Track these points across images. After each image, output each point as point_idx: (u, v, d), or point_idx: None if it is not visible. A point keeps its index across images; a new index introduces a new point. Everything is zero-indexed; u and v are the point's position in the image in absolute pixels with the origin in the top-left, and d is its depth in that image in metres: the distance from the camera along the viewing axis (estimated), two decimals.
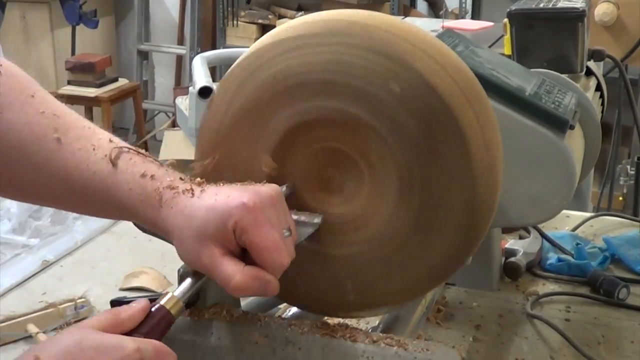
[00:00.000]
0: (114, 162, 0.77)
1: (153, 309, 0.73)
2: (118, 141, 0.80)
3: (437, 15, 4.55)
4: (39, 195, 0.83)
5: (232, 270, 0.72)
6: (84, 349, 0.67)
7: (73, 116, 0.82)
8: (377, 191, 0.81)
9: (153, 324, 0.72)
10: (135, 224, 0.82)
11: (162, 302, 0.73)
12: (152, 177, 0.76)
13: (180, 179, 0.77)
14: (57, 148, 0.78)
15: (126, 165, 0.77)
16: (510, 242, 1.53)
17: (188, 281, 0.76)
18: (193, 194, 0.74)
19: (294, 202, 0.83)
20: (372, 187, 0.81)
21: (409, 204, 0.80)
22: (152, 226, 0.77)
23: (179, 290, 0.75)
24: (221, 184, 0.77)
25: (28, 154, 0.78)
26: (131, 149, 0.79)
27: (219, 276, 0.73)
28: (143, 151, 0.80)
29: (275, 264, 0.73)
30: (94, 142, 0.79)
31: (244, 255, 0.74)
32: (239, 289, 0.73)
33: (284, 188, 0.81)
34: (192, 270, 0.76)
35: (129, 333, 0.71)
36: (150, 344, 0.70)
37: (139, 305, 0.73)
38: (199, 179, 0.78)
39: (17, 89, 0.80)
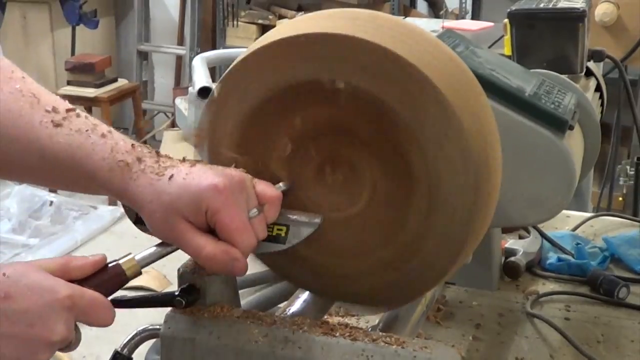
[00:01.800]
0: (85, 135, 0.79)
1: (109, 265, 0.76)
2: (92, 119, 0.82)
3: (437, 16, 4.56)
4: (15, 169, 0.84)
5: (204, 242, 0.75)
6: (20, 285, 0.70)
7: (50, 96, 0.83)
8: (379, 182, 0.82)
9: (104, 279, 0.75)
10: (126, 210, 0.83)
11: (121, 261, 0.77)
12: (123, 150, 0.78)
13: (149, 153, 0.79)
14: (32, 122, 0.79)
15: (98, 139, 0.79)
16: (510, 242, 1.54)
17: (153, 249, 0.79)
18: (162, 172, 0.76)
19: (293, 200, 0.83)
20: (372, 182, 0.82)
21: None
22: (120, 197, 0.79)
23: (141, 254, 0.78)
24: (190, 163, 0.78)
25: (3, 128, 0.79)
26: (103, 124, 0.81)
27: (190, 246, 0.76)
28: (112, 129, 0.82)
29: (244, 244, 0.76)
30: (68, 117, 0.81)
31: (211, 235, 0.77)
32: (210, 259, 0.75)
33: (282, 185, 0.83)
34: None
35: (77, 283, 0.73)
36: (87, 294, 0.72)
37: (93, 258, 0.76)
38: (167, 154, 0.80)
39: None
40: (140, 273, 0.78)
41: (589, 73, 1.34)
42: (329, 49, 0.78)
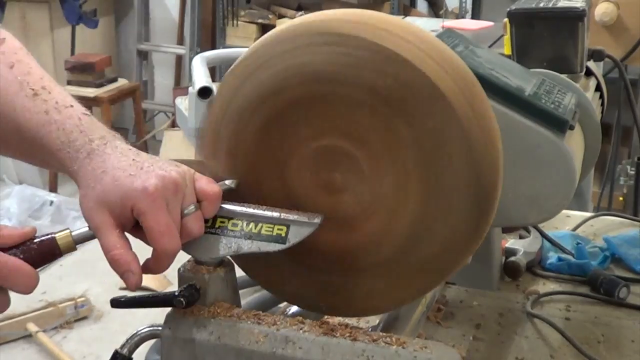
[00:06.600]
0: (49, 114, 0.83)
1: (44, 238, 0.78)
2: (70, 99, 0.87)
3: (437, 15, 4.56)
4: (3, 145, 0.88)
5: (115, 242, 0.77)
6: None
7: (37, 75, 0.90)
8: (379, 181, 0.82)
9: (33, 248, 0.77)
10: None
11: (57, 235, 0.78)
12: (81, 131, 0.82)
13: (111, 141, 0.82)
14: (13, 101, 0.84)
15: (62, 118, 0.83)
16: (511, 242, 1.54)
17: (87, 229, 0.79)
18: (105, 164, 0.79)
19: (235, 197, 0.84)
20: (373, 179, 0.82)
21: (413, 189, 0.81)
22: (70, 176, 0.82)
23: (78, 231, 0.80)
24: (143, 158, 0.80)
25: None
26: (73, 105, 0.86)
27: (102, 240, 0.78)
28: (85, 110, 0.87)
29: (166, 249, 0.78)
30: (46, 97, 0.86)
31: (137, 228, 0.79)
32: (112, 261, 0.77)
33: (228, 182, 0.85)
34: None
35: (5, 249, 0.75)
36: (9, 260, 0.74)
37: (23, 229, 0.78)
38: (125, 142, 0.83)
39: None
40: (74, 248, 0.79)
41: (589, 73, 1.34)
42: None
